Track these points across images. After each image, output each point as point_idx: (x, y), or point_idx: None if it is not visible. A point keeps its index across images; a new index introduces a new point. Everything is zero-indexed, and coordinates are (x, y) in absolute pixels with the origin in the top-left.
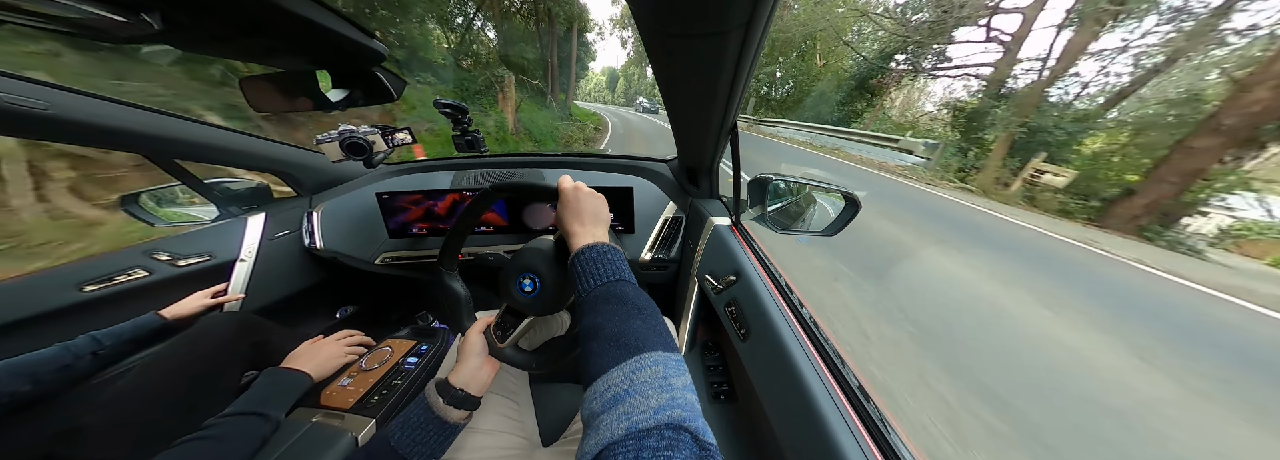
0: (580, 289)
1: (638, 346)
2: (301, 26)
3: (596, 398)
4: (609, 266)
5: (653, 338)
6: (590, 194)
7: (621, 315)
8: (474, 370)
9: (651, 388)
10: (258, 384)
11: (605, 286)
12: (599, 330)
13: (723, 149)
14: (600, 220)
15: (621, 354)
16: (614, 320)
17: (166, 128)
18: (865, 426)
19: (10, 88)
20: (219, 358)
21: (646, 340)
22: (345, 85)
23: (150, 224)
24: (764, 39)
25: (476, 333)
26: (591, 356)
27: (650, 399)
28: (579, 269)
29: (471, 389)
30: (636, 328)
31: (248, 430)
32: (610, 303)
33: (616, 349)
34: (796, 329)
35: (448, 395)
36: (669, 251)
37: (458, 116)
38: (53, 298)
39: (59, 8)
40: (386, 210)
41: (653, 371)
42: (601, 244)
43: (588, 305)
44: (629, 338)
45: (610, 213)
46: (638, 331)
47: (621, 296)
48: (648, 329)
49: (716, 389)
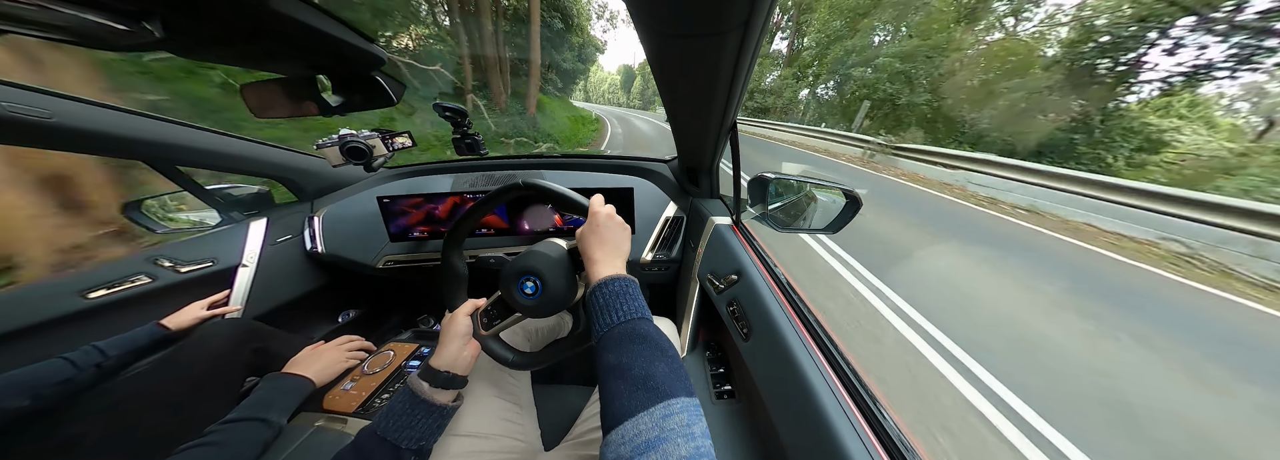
0: (601, 322)
1: (665, 392)
2: (301, 32)
3: (625, 442)
4: (632, 302)
5: (677, 383)
6: (620, 224)
7: (647, 357)
8: (457, 352)
9: (680, 435)
10: (259, 390)
11: (629, 324)
12: (626, 371)
13: (723, 149)
14: (622, 252)
15: (650, 398)
16: (640, 362)
17: (168, 134)
18: (869, 425)
19: (12, 97)
20: (220, 364)
21: (672, 385)
22: (345, 90)
23: (152, 231)
24: (763, 39)
25: (464, 314)
26: (617, 397)
27: (680, 447)
28: (602, 301)
29: (457, 370)
30: (662, 372)
31: (249, 436)
32: (635, 343)
33: (644, 392)
34: (799, 328)
35: (433, 379)
36: (670, 251)
37: (457, 119)
38: (56, 305)
39: (60, 17)
40: (387, 214)
41: (680, 419)
42: (624, 277)
43: (610, 341)
44: (656, 381)
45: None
46: (664, 376)
47: (645, 336)
48: (671, 373)
49: (719, 388)
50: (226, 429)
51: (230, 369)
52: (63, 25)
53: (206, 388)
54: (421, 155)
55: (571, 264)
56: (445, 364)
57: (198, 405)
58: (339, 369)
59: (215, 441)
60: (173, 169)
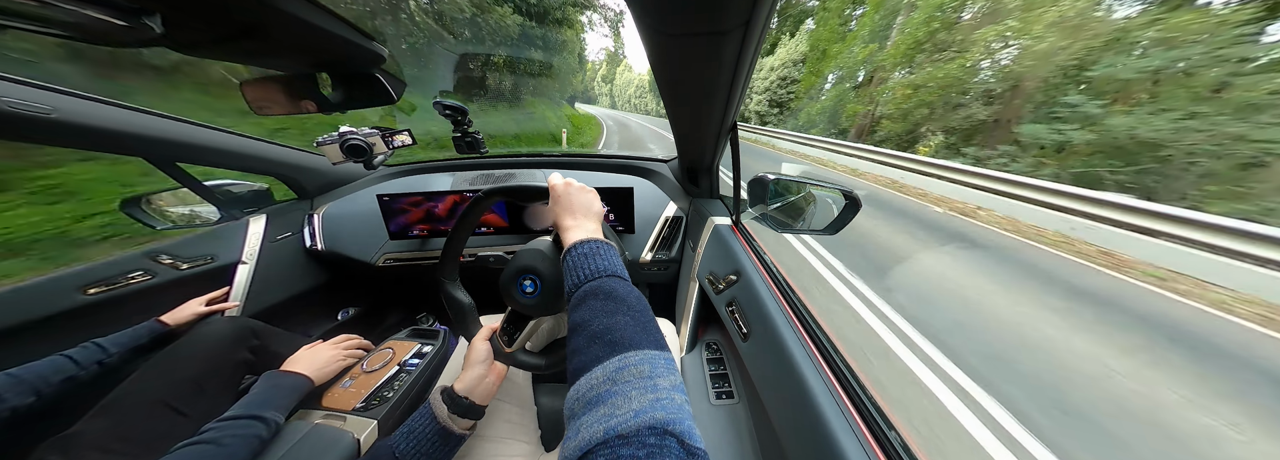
0: (568, 284)
1: (624, 344)
2: (302, 29)
3: (578, 398)
4: (599, 261)
5: (640, 335)
6: (581, 188)
7: (608, 310)
8: (478, 378)
9: (635, 388)
10: (257, 388)
11: (595, 282)
12: (584, 326)
13: (722, 149)
14: (592, 213)
15: (606, 352)
16: (600, 316)
17: (168, 131)
18: (866, 425)
19: (14, 92)
20: (216, 362)
21: (633, 337)
22: (345, 87)
23: (152, 227)
24: (764, 38)
25: (482, 340)
26: (575, 354)
27: (633, 400)
28: (570, 264)
29: (476, 397)
30: (623, 324)
31: (246, 434)
32: (599, 298)
33: (600, 346)
34: (797, 328)
35: (453, 404)
36: (669, 251)
37: (457, 118)
38: (56, 301)
39: (61, 12)
40: (387, 212)
41: (637, 370)
42: (593, 239)
43: (576, 301)
44: (615, 334)
45: (604, 205)
46: (624, 328)
47: (610, 292)
48: (635, 326)
49: (718, 389)
50: (223, 426)
51: (227, 367)
52: (64, 21)
53: (204, 386)
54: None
55: (559, 251)
56: (466, 389)
57: (193, 403)
58: (336, 367)
59: (212, 439)
60: (173, 165)
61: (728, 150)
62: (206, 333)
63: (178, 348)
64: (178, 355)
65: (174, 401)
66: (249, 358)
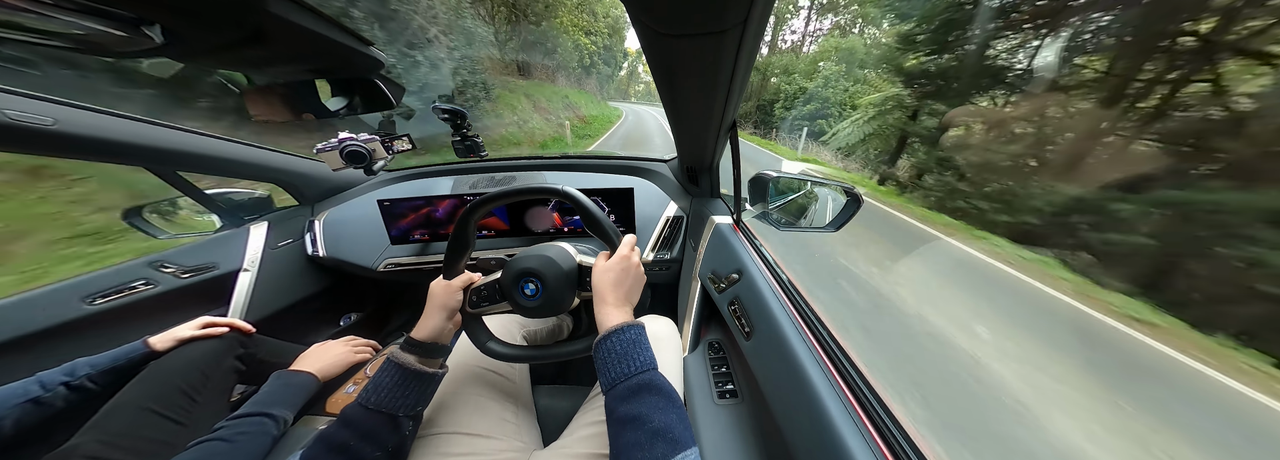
0: (615, 371)
1: (681, 443)
2: (302, 37)
3: None
4: (646, 353)
5: (687, 434)
6: (641, 275)
7: (662, 407)
8: (440, 325)
9: None
10: (266, 386)
11: (646, 375)
12: (644, 421)
13: (723, 148)
14: (632, 301)
15: (669, 450)
16: (657, 412)
17: (168, 140)
18: (872, 423)
19: (15, 104)
20: (206, 371)
21: (683, 437)
22: (345, 93)
23: (154, 236)
24: (762, 38)
25: (458, 286)
26: (637, 448)
27: None
28: (619, 349)
29: (441, 341)
30: (675, 421)
31: (256, 431)
32: (653, 393)
33: (665, 444)
34: (800, 326)
35: (418, 351)
36: (670, 251)
37: (456, 121)
38: (60, 311)
39: (59, 23)
40: (388, 217)
41: None
42: (637, 325)
43: (629, 390)
44: (674, 432)
45: (604, 206)
46: (677, 426)
47: (660, 388)
48: (681, 423)
49: (721, 388)
50: (234, 424)
51: (217, 376)
52: (62, 32)
53: (194, 396)
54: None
55: (577, 278)
56: (429, 337)
57: (188, 412)
58: (344, 363)
59: (224, 436)
60: (173, 174)
61: (728, 150)
62: (194, 343)
63: (166, 359)
64: (166, 366)
65: (166, 410)
66: (238, 366)
